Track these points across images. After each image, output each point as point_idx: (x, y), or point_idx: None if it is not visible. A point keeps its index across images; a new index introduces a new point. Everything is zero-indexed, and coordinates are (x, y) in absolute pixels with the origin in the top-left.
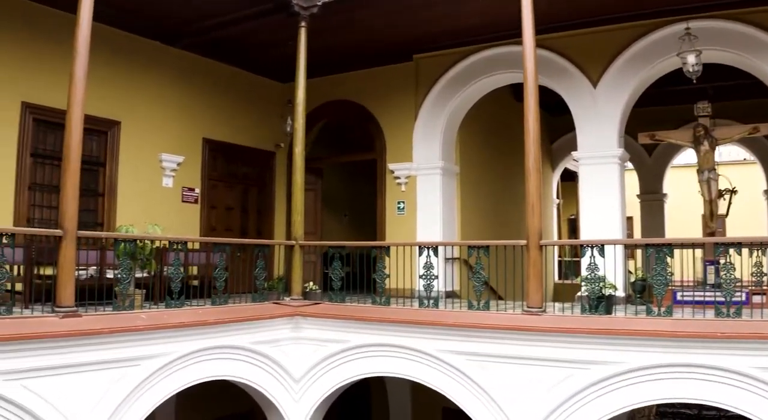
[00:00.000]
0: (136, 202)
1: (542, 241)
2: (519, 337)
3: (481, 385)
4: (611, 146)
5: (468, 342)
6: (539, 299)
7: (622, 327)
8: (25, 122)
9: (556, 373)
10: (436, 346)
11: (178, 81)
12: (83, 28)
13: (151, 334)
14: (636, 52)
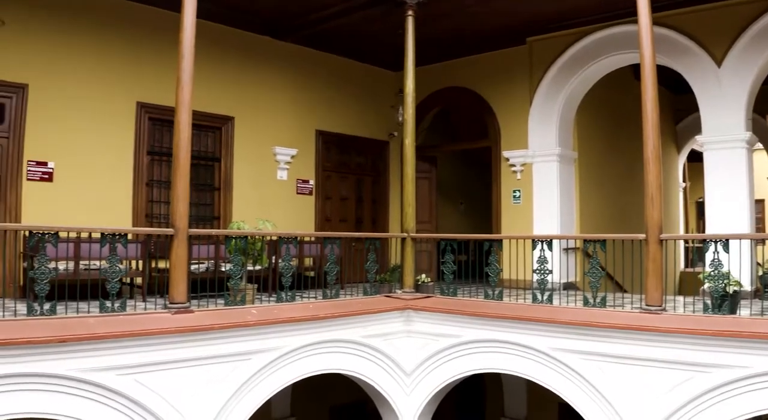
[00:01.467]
0: (251, 195)
1: (662, 235)
2: (636, 336)
3: (594, 385)
4: (738, 130)
5: (582, 340)
6: (659, 297)
7: (746, 329)
8: (140, 121)
9: (674, 376)
10: (549, 344)
11: (290, 74)
12: (187, 32)
13: (262, 329)
14: (763, 27)
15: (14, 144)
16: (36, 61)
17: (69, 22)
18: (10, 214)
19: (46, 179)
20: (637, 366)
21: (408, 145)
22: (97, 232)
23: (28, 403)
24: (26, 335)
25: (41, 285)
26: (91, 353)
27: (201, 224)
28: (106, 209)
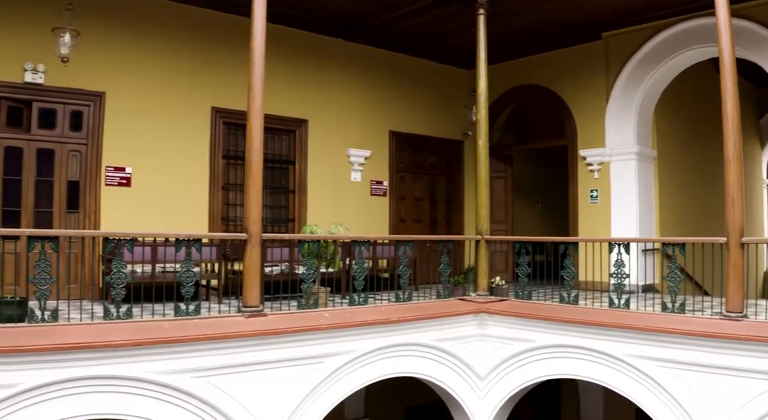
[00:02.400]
0: (325, 197)
1: (744, 238)
2: (715, 344)
3: (671, 394)
4: None
5: (659, 347)
6: (739, 302)
7: None
8: (215, 126)
9: (754, 386)
10: (625, 350)
11: (363, 76)
12: (257, 39)
13: (334, 332)
14: None
15: (92, 150)
16: (112, 69)
17: (144, 32)
18: (89, 219)
19: (124, 184)
20: (715, 374)
21: (481, 145)
22: (173, 237)
23: (105, 405)
24: (103, 339)
25: (117, 289)
26: (166, 356)
27: (276, 226)
28: (183, 213)
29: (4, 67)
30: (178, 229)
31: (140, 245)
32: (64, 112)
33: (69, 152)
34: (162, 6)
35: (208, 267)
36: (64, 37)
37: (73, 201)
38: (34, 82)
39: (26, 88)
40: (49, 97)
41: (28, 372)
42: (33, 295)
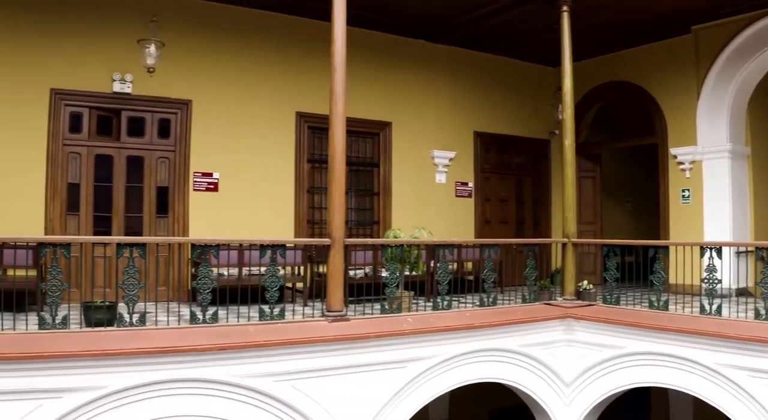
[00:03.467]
0: (410, 199)
1: None
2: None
3: (765, 406)
4: None
5: (753, 356)
6: None
7: None
8: (300, 131)
9: None
10: (717, 359)
11: (446, 77)
12: (338, 45)
13: (417, 337)
14: None
15: (180, 157)
16: (198, 78)
17: (228, 39)
18: (178, 223)
19: (212, 189)
20: None
21: (567, 146)
22: (257, 244)
23: (190, 407)
24: (189, 343)
25: (203, 294)
26: (250, 360)
27: (361, 229)
28: (269, 216)
29: (93, 78)
30: (264, 232)
31: (226, 249)
32: (152, 120)
33: (158, 159)
34: (245, 14)
35: (293, 270)
36: (149, 48)
37: (162, 206)
38: (122, 92)
39: (115, 97)
40: (138, 105)
41: (116, 375)
42: (122, 299)
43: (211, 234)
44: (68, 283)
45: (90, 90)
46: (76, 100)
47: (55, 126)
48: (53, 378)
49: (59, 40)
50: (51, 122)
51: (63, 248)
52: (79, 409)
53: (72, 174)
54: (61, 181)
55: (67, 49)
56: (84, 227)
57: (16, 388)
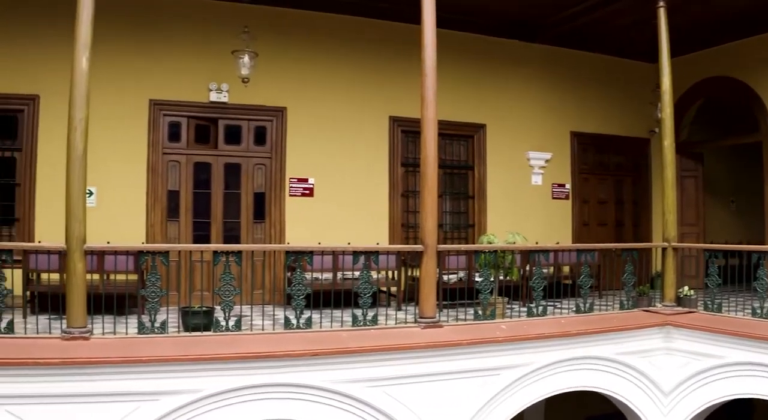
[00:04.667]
0: (505, 202)
1: None
2: None
3: None
4: None
5: None
6: None
7: None
8: (393, 135)
9: None
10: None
11: (541, 76)
12: (428, 49)
13: (511, 344)
14: None
15: (276, 163)
16: (292, 85)
17: (320, 47)
18: (274, 228)
19: (307, 194)
20: None
21: (667, 146)
22: (350, 250)
23: (282, 411)
24: (283, 348)
25: (297, 300)
26: (343, 365)
27: (456, 233)
28: (363, 220)
29: (191, 89)
30: (359, 236)
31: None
32: (249, 128)
33: (254, 165)
34: (336, 21)
35: (387, 274)
36: (243, 58)
37: (259, 211)
38: (219, 101)
39: (212, 107)
40: (234, 114)
41: (212, 378)
42: (219, 304)
43: (307, 238)
44: (166, 288)
45: (188, 100)
46: (174, 110)
47: (154, 136)
48: (151, 381)
49: (157, 52)
50: (151, 132)
51: (161, 256)
52: (175, 411)
53: (172, 181)
54: (162, 188)
55: (164, 61)
56: (184, 233)
57: (116, 391)
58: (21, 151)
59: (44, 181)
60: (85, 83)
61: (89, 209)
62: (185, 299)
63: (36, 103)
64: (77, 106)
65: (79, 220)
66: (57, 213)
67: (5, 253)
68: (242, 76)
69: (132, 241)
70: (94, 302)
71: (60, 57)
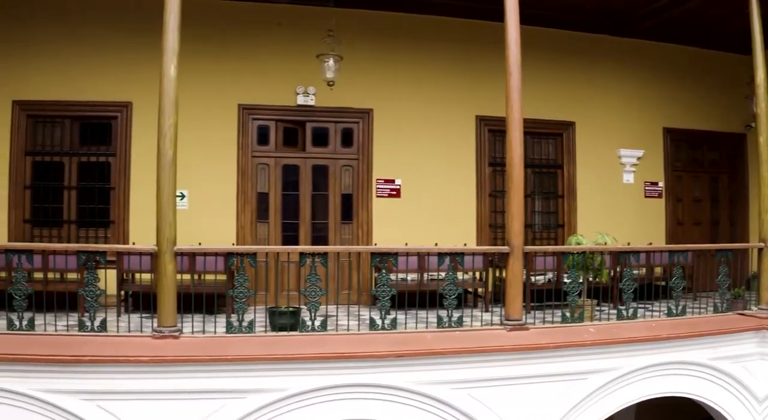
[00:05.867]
0: (595, 201)
1: None
2: None
3: None
4: None
5: None
6: None
7: None
8: (480, 134)
9: None
10: None
11: (631, 72)
12: (512, 48)
13: (600, 348)
14: None
15: (363, 164)
16: (378, 87)
17: (405, 48)
18: (362, 229)
19: (394, 195)
20: None
21: (762, 143)
22: (435, 252)
23: (366, 411)
24: (367, 349)
25: (382, 301)
26: (427, 367)
27: (545, 233)
28: (450, 220)
29: (278, 93)
30: (446, 236)
31: (404, 255)
32: (336, 130)
33: (342, 167)
34: (420, 21)
35: (474, 275)
36: (328, 61)
37: (346, 212)
38: (306, 105)
39: (299, 110)
40: (321, 117)
41: (297, 378)
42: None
43: (395, 239)
44: (254, 289)
45: (275, 104)
46: (262, 114)
47: (244, 139)
48: (238, 379)
49: (245, 58)
50: (240, 136)
51: (248, 257)
52: (260, 409)
53: (261, 184)
54: (251, 190)
55: (252, 66)
56: (273, 234)
57: (203, 388)
58: (115, 156)
59: (138, 185)
60: (174, 90)
61: (182, 211)
62: (273, 299)
63: (129, 109)
64: (166, 112)
65: (169, 222)
66: (150, 215)
67: (99, 254)
68: (327, 80)
69: (223, 242)
70: (185, 302)
71: (151, 65)
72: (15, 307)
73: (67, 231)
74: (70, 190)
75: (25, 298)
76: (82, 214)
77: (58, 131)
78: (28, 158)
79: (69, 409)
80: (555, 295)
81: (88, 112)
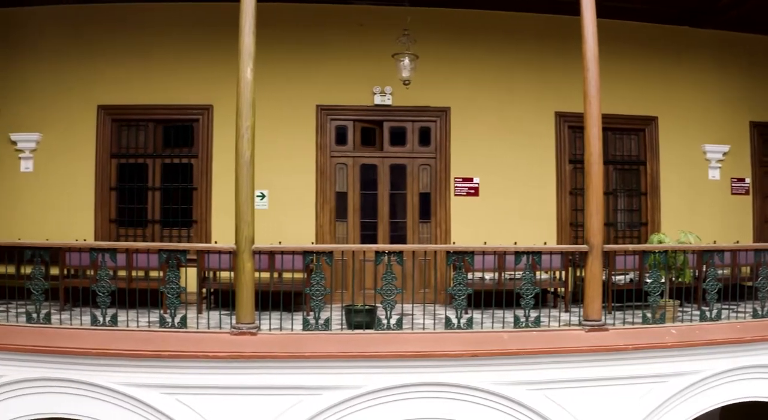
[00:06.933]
0: (679, 198)
1: None
2: None
3: None
4: None
5: None
6: None
7: None
8: (560, 131)
9: None
10: None
11: (715, 64)
12: (589, 43)
13: (681, 350)
14: None
15: (441, 163)
16: (455, 85)
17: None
18: (440, 228)
19: (472, 194)
20: None
21: None
22: (511, 250)
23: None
24: (442, 348)
25: (458, 301)
26: (503, 367)
27: (628, 231)
28: (529, 219)
29: (356, 93)
30: (525, 235)
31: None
32: (413, 129)
33: (419, 166)
34: (495, 17)
35: (554, 274)
36: (403, 60)
37: (424, 211)
38: (383, 104)
39: (377, 109)
40: (398, 116)
41: (372, 375)
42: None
43: (473, 238)
44: (331, 287)
45: (353, 104)
46: (340, 114)
47: (322, 139)
48: (314, 376)
49: (321, 59)
50: (318, 136)
51: (325, 256)
52: (336, 406)
53: (339, 183)
54: (330, 190)
55: (328, 67)
56: (351, 233)
57: (280, 384)
58: (197, 158)
59: (219, 186)
60: (250, 92)
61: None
62: (351, 297)
63: (210, 112)
64: (243, 114)
65: (247, 221)
66: (231, 215)
67: (180, 253)
68: (403, 79)
69: (303, 241)
70: (264, 300)
71: (231, 68)
72: (99, 303)
73: (152, 230)
74: (153, 190)
75: (108, 294)
76: (166, 214)
77: (142, 134)
78: (114, 161)
79: (149, 403)
80: (637, 295)
81: (171, 115)
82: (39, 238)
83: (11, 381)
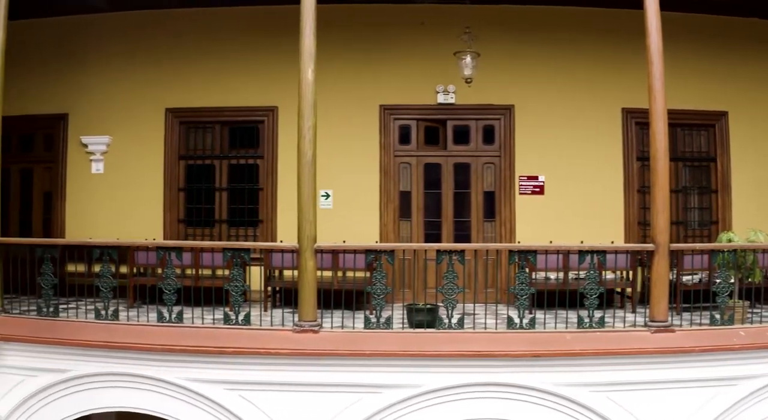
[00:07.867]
0: (753, 196)
1: None
2: None
3: None
4: None
5: None
6: None
7: None
8: (627, 128)
9: None
10: None
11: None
12: (653, 36)
13: (750, 353)
14: None
15: (505, 161)
16: (518, 82)
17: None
18: (504, 227)
19: (537, 192)
20: None
21: None
22: (575, 250)
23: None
24: (503, 348)
25: (521, 300)
26: (566, 368)
27: (698, 230)
28: (596, 218)
29: (418, 92)
30: (591, 234)
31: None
32: (477, 127)
33: (483, 165)
34: (558, 12)
35: (621, 274)
36: (465, 59)
37: (489, 210)
38: (446, 103)
39: (440, 108)
40: (462, 114)
41: (432, 374)
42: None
43: (538, 236)
44: (392, 286)
45: (416, 104)
46: (403, 113)
47: (386, 139)
48: (374, 374)
49: (383, 59)
50: (382, 136)
51: (386, 254)
52: (396, 404)
53: (403, 182)
54: (394, 189)
55: (391, 67)
56: (415, 232)
57: (340, 382)
58: (263, 158)
59: (284, 185)
60: (312, 93)
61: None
62: (413, 296)
63: (275, 113)
64: (305, 115)
65: (310, 220)
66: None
67: (244, 252)
68: (465, 77)
69: (367, 240)
70: (326, 298)
71: (295, 70)
72: (165, 300)
73: (219, 230)
74: (221, 191)
75: (174, 292)
76: (233, 214)
77: (209, 136)
78: (182, 162)
79: (213, 398)
80: (705, 296)
81: (237, 117)
82: (109, 238)
83: (78, 375)
